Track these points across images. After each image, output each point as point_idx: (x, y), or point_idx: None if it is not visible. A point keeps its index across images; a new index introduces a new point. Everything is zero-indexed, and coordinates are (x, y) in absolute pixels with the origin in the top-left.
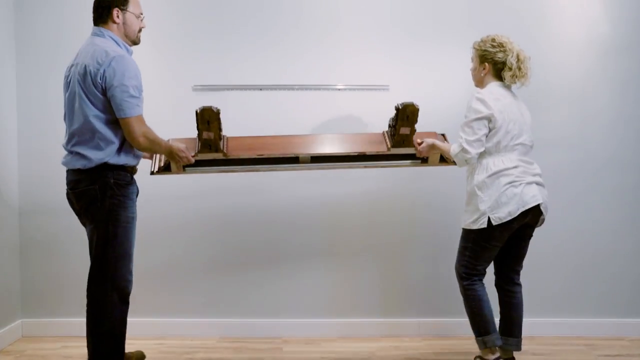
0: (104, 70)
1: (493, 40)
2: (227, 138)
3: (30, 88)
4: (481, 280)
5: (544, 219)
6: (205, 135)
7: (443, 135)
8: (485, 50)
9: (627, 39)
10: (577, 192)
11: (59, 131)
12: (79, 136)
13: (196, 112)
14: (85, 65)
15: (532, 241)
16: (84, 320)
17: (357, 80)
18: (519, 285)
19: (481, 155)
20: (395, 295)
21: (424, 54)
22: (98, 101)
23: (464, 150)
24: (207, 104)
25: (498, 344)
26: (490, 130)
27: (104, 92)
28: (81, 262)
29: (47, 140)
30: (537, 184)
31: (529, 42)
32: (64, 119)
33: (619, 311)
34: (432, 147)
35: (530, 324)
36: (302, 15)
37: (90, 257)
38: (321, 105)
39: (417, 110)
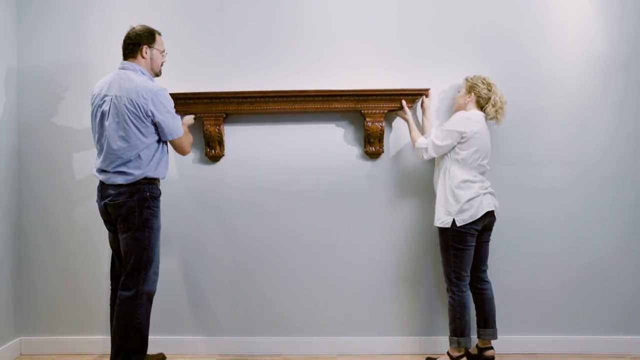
0: (154, 105)
1: (484, 79)
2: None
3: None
4: (467, 288)
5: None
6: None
7: (426, 93)
8: (475, 84)
9: (626, 56)
10: (577, 208)
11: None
12: (123, 159)
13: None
14: (132, 100)
15: (532, 257)
16: (82, 337)
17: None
18: (488, 282)
19: (451, 163)
20: (396, 312)
21: (424, 69)
22: (145, 129)
23: (426, 149)
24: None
25: (468, 347)
26: (458, 143)
27: (153, 121)
28: (80, 280)
29: (49, 159)
30: (491, 194)
31: (528, 60)
32: (98, 142)
33: (621, 328)
34: (405, 120)
35: (530, 341)
36: (298, 33)
37: (124, 261)
38: (319, 120)
39: None
